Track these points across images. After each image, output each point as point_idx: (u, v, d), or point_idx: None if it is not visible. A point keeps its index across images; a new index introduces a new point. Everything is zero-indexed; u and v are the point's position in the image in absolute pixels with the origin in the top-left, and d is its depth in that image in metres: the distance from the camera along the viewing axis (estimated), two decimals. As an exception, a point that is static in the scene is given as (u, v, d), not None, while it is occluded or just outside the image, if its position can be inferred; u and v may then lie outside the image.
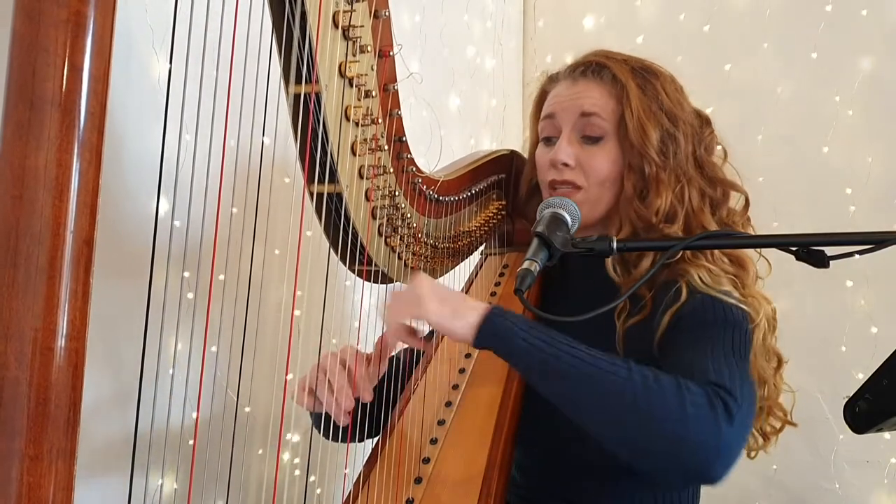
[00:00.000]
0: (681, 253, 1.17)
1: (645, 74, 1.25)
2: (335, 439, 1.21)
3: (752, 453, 1.29)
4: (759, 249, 1.28)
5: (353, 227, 1.08)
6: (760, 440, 1.28)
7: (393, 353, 1.28)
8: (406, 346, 1.29)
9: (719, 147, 1.30)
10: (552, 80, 1.34)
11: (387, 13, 1.02)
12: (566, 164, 1.24)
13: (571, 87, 1.28)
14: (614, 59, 1.27)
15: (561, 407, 1.00)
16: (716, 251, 1.19)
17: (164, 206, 1.25)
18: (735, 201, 1.29)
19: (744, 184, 1.29)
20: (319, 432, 1.23)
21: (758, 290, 1.21)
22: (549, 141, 1.29)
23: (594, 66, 1.27)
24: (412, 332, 1.10)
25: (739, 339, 1.09)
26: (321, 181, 1.02)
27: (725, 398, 0.94)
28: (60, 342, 0.65)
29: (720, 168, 1.28)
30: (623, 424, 0.96)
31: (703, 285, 1.14)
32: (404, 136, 1.13)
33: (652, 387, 0.94)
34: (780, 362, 1.25)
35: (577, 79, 1.28)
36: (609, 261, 1.21)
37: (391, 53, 1.05)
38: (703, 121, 1.29)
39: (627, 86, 1.22)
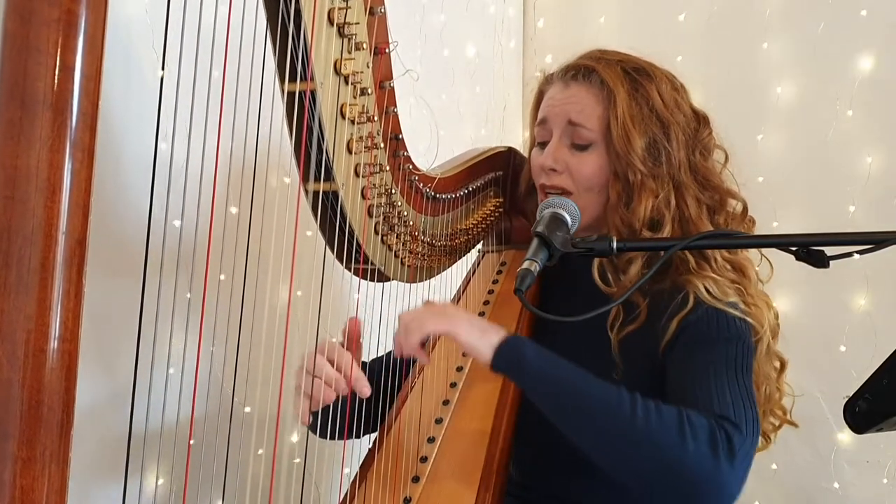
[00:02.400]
0: (688, 262, 1.17)
1: (637, 76, 1.23)
2: (332, 437, 1.21)
3: None
4: (761, 251, 1.28)
5: (350, 226, 1.08)
6: (761, 440, 1.28)
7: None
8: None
9: (719, 150, 1.28)
10: (547, 81, 1.33)
11: (382, 10, 1.02)
12: (553, 169, 1.25)
13: (563, 91, 1.27)
14: (606, 60, 1.26)
15: (563, 430, 1.04)
16: (719, 259, 1.18)
17: (162, 206, 1.24)
18: (733, 207, 1.27)
19: (744, 184, 1.28)
20: (315, 433, 1.22)
21: (760, 291, 1.22)
22: (543, 145, 1.29)
23: (584, 70, 1.26)
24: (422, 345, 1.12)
25: (743, 354, 1.11)
26: (317, 179, 1.02)
27: (730, 432, 0.97)
28: (53, 344, 0.65)
29: (717, 173, 1.26)
30: (624, 458, 1.00)
31: (709, 297, 1.15)
32: (400, 133, 1.13)
33: (654, 421, 0.97)
34: (782, 366, 1.25)
35: (568, 83, 1.27)
36: (595, 269, 1.21)
37: (387, 51, 1.05)
38: (702, 122, 1.27)
39: (615, 90, 1.21)
